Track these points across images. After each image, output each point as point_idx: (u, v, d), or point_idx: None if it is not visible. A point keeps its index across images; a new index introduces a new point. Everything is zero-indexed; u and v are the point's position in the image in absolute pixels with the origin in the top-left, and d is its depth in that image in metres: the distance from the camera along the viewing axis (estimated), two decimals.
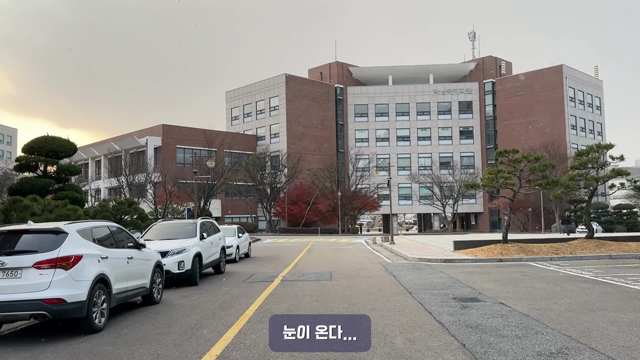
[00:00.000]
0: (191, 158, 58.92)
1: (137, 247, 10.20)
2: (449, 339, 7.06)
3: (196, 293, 12.09)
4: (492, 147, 70.24)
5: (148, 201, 48.41)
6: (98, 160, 66.02)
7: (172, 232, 14.87)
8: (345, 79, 74.28)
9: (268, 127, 68.59)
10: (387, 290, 11.84)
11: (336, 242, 37.34)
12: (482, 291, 11.51)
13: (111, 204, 23.48)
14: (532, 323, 8.02)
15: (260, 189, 61.57)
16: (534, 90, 68.76)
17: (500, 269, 16.63)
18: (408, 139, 72.68)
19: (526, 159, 21.23)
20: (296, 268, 17.62)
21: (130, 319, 9.11)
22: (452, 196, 64.92)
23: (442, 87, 72.99)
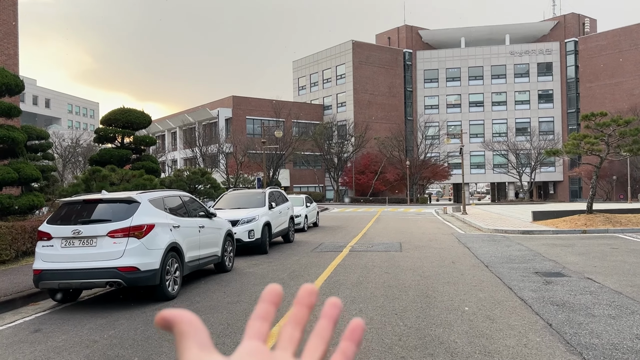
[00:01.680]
0: (260, 129, 59.71)
1: (208, 216, 10.27)
2: (533, 318, 6.53)
3: (266, 262, 12.13)
4: (574, 112, 65.79)
5: (220, 171, 49.74)
6: (173, 132, 68.48)
7: (242, 201, 14.99)
8: (415, 43, 71.72)
9: (335, 96, 67.93)
10: (462, 263, 11.30)
11: (405, 212, 36.70)
12: (567, 265, 10.71)
13: (185, 173, 24.13)
14: (626, 301, 7.28)
15: (328, 159, 61.52)
16: (621, 48, 63.19)
17: (585, 241, 15.51)
18: (482, 105, 69.46)
19: (615, 122, 19.48)
20: (364, 238, 17.36)
21: (203, 286, 9.22)
22: (529, 164, 61.71)
23: (519, 47, 68.69)
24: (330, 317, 0.47)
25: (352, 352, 0.46)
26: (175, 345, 0.41)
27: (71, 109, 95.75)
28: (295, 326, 0.46)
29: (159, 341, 5.87)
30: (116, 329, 6.47)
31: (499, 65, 68.95)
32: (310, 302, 0.48)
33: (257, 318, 0.46)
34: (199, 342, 0.41)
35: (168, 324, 0.42)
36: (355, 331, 0.46)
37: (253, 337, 0.45)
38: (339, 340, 0.46)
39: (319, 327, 0.47)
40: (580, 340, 5.54)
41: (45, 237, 7.77)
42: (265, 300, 0.47)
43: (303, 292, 0.48)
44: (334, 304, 0.48)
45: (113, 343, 5.89)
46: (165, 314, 0.42)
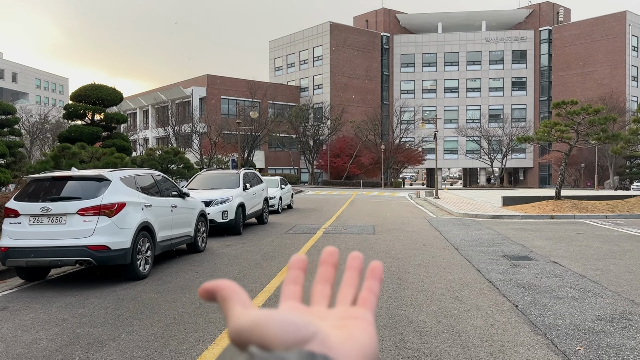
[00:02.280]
0: (235, 109, 59.08)
1: (181, 195, 10.18)
2: (499, 299, 6.71)
3: (239, 243, 12.11)
4: (546, 99, 66.99)
5: (194, 151, 49.16)
6: (146, 110, 67.21)
7: (216, 182, 14.88)
8: (392, 26, 71.61)
9: (311, 78, 67.55)
10: (433, 246, 11.49)
11: (379, 196, 37.01)
12: (534, 249, 11.00)
13: (157, 152, 23.79)
14: (589, 284, 7.54)
15: (303, 141, 61.38)
16: (593, 38, 64.39)
17: (552, 226, 15.94)
18: (456, 91, 70.08)
19: (585, 111, 19.93)
20: (339, 221, 17.47)
21: (175, 266, 9.17)
22: (501, 150, 62.82)
23: (494, 34, 69.31)
24: (354, 268, 0.53)
25: (376, 287, 0.52)
26: (222, 310, 0.45)
27: (39, 84, 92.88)
28: (325, 283, 0.52)
29: (129, 319, 5.83)
30: (86, 307, 6.40)
31: (475, 52, 69.52)
32: (334, 261, 0.53)
33: (290, 283, 0.51)
34: (241, 302, 0.44)
35: (211, 294, 0.45)
36: (375, 270, 0.53)
37: (289, 298, 0.50)
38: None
39: (346, 277, 0.52)
40: (545, 321, 5.73)
41: (12, 214, 7.59)
42: (294, 267, 0.52)
43: (325, 253, 0.53)
44: (356, 256, 0.53)
45: (83, 321, 5.82)
46: (207, 286, 0.45)
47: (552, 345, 4.93)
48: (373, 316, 0.50)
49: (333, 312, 0.49)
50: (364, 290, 0.52)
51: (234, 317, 0.43)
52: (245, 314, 0.43)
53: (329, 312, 0.49)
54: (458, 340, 5.08)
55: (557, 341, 5.05)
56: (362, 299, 0.51)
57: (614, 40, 62.90)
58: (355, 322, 0.47)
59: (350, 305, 0.50)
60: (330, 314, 0.49)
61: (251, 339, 0.41)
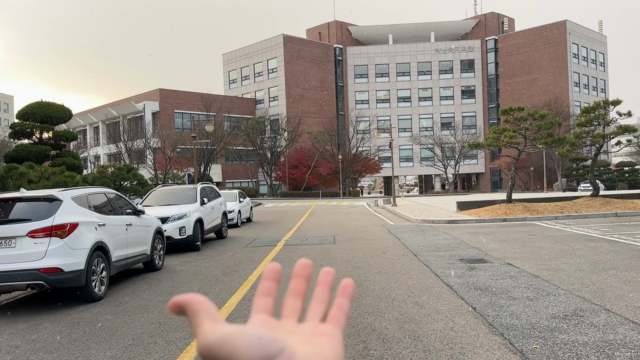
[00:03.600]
0: (189, 123, 58.27)
1: (136, 213, 9.95)
2: (458, 302, 6.87)
3: (198, 259, 11.92)
4: (495, 107, 69.36)
5: (148, 167, 48.12)
6: (96, 126, 65.37)
7: (172, 197, 14.61)
8: (345, 38, 72.66)
9: (267, 90, 67.54)
10: (392, 253, 11.66)
11: (338, 205, 37.23)
12: (489, 252, 11.32)
13: (110, 170, 23.16)
14: (542, 284, 7.83)
15: (261, 153, 61.15)
16: (536, 47, 67.32)
17: (505, 229, 16.46)
18: (409, 100, 71.65)
19: (532, 116, 20.77)
20: (299, 232, 17.46)
21: (132, 286, 8.93)
22: (454, 157, 64.52)
23: (443, 45, 71.43)
24: (325, 283, 0.52)
25: (347, 305, 0.52)
26: (191, 324, 0.44)
27: None
28: (296, 297, 0.51)
29: (86, 343, 5.64)
30: (39, 333, 6.15)
31: (425, 62, 71.36)
32: (307, 274, 0.53)
33: (261, 295, 0.50)
34: (211, 316, 0.44)
35: (180, 308, 0.45)
36: (347, 288, 0.53)
37: (259, 312, 0.49)
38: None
39: (317, 293, 0.52)
40: (502, 321, 5.90)
41: None
42: (267, 278, 0.51)
43: (299, 267, 0.53)
44: (328, 272, 0.53)
45: (37, 347, 5.59)
46: (176, 300, 0.45)
47: (509, 345, 5.09)
48: (342, 334, 0.50)
49: (303, 328, 0.49)
50: (335, 307, 0.52)
51: (203, 332, 0.43)
52: (215, 329, 0.43)
53: (298, 327, 0.49)
54: (420, 345, 5.18)
55: (515, 341, 5.21)
56: (332, 317, 0.51)
57: (556, 48, 65.92)
58: (324, 339, 0.47)
59: (319, 321, 0.50)
60: (299, 329, 0.49)
61: (220, 355, 0.41)
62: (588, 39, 69.50)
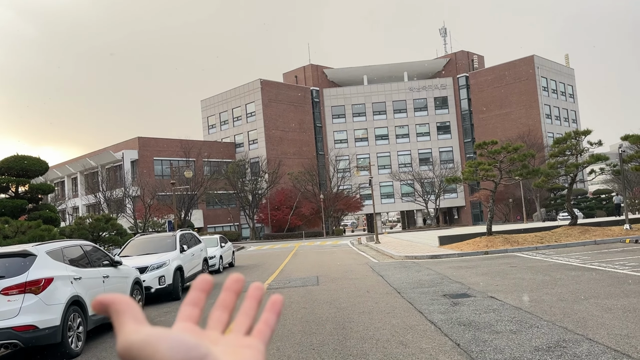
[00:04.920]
0: (169, 169, 58.07)
1: (113, 264, 9.79)
2: (442, 339, 6.83)
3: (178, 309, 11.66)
4: (470, 141, 70.71)
5: (127, 216, 47.48)
6: (74, 177, 64.66)
7: (151, 246, 14.40)
8: (321, 81, 74.09)
9: (246, 134, 67.99)
10: (376, 291, 11.58)
11: (321, 245, 37.04)
12: (472, 286, 11.33)
13: (88, 221, 22.80)
14: (525, 316, 7.84)
15: (242, 197, 60.93)
16: (507, 82, 69.43)
17: (487, 261, 16.53)
18: (387, 138, 72.74)
19: (505, 149, 21.23)
20: (282, 275, 17.28)
21: (110, 341, 8.69)
22: (434, 191, 65.12)
23: (416, 84, 73.26)
24: (254, 297, 0.53)
25: (273, 321, 0.53)
26: (113, 324, 0.45)
27: None
28: (223, 310, 0.52)
29: None
30: None
31: (400, 100, 72.95)
32: (237, 288, 0.53)
33: (188, 304, 0.51)
34: (134, 317, 0.44)
35: (104, 306, 0.45)
36: (275, 304, 0.54)
37: (184, 320, 0.50)
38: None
39: (244, 306, 0.53)
40: (486, 356, 5.87)
41: None
42: (196, 289, 0.52)
43: (230, 281, 0.53)
44: (257, 286, 0.54)
45: None
46: (101, 298, 0.46)
47: None
48: (265, 348, 0.51)
49: (226, 339, 0.50)
50: (261, 322, 0.53)
51: (126, 332, 0.43)
52: (137, 331, 0.43)
53: (222, 338, 0.50)
54: None
55: None
56: (257, 330, 0.52)
57: (525, 82, 68.06)
58: (247, 351, 0.48)
59: (244, 334, 0.51)
60: (223, 340, 0.49)
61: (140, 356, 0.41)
62: (556, 72, 72.01)
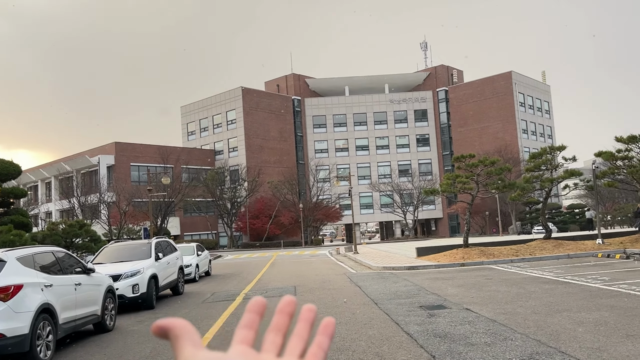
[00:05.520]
0: (146, 176, 57.39)
1: (86, 272, 9.58)
2: (418, 351, 6.83)
3: (153, 317, 11.47)
4: (448, 154, 71.52)
5: (102, 222, 46.68)
6: (48, 182, 63.39)
7: (125, 254, 14.14)
8: (302, 90, 74.28)
9: (226, 141, 67.63)
10: (353, 302, 11.56)
11: (299, 255, 36.90)
12: (448, 297, 11.39)
13: (61, 227, 22.33)
14: (500, 328, 7.89)
15: (220, 205, 60.43)
16: (485, 96, 70.60)
17: (463, 273, 16.65)
18: (367, 148, 73.16)
19: (482, 163, 21.52)
20: (259, 284, 17.14)
21: (80, 349, 8.48)
22: (412, 203, 65.58)
23: (397, 96, 74.01)
24: (306, 320, 0.54)
25: (326, 344, 0.53)
26: (172, 348, 0.46)
27: None
28: (277, 332, 0.53)
29: None
30: None
31: (381, 112, 73.56)
32: (291, 311, 0.54)
33: (243, 327, 0.52)
34: (192, 341, 0.46)
35: (164, 331, 0.47)
36: (328, 327, 0.54)
37: (240, 342, 0.50)
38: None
39: (298, 329, 0.54)
40: None
41: None
42: (251, 311, 0.53)
43: (283, 302, 0.54)
44: (310, 309, 0.55)
45: None
46: (160, 323, 0.48)
47: None
48: None
49: None
50: (314, 345, 0.53)
51: (184, 356, 0.45)
52: (195, 355, 0.44)
53: None
54: None
55: None
56: (311, 354, 0.52)
57: (503, 97, 69.30)
58: None
59: (298, 357, 0.51)
60: None
61: None
62: (533, 88, 73.50)
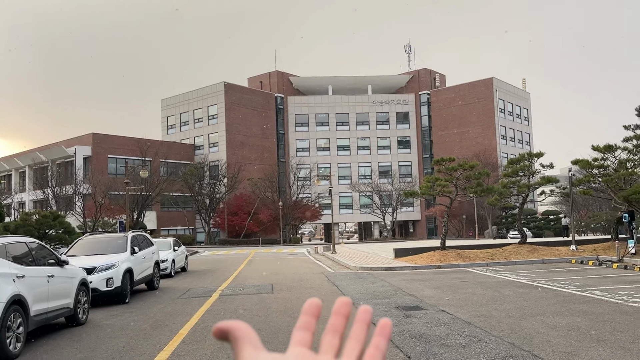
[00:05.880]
0: (123, 168, 56.57)
1: (59, 264, 9.39)
2: (393, 351, 6.85)
3: (127, 312, 11.30)
4: (429, 157, 72.15)
5: (76, 214, 45.89)
6: (22, 171, 62.05)
7: (100, 247, 13.91)
8: (286, 88, 74.08)
9: (206, 136, 67.08)
10: (330, 301, 11.23)
11: (278, 253, 36.80)
12: (424, 299, 11.47)
13: (34, 217, 21.88)
14: (474, 331, 7.97)
15: (199, 200, 59.92)
16: (466, 101, 71.38)
17: (439, 275, 16.79)
18: (348, 149, 73.35)
19: (462, 167, 21.74)
20: (236, 281, 17.03)
21: (52, 342, 8.31)
22: (391, 204, 65.96)
23: (380, 97, 74.33)
24: (363, 321, 0.54)
25: (384, 345, 0.53)
26: (233, 349, 0.48)
27: None
28: (334, 334, 0.53)
29: None
30: None
31: (363, 113, 73.80)
32: (346, 312, 0.54)
33: (300, 329, 0.53)
34: (252, 343, 0.48)
35: (224, 333, 0.49)
36: (385, 328, 0.54)
37: (298, 344, 0.51)
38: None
39: (354, 330, 0.54)
40: None
41: None
42: (307, 313, 0.53)
43: (339, 304, 0.55)
44: (366, 310, 0.55)
45: None
46: (221, 325, 0.49)
47: None
48: None
49: None
50: (372, 347, 0.53)
51: (244, 357, 0.46)
52: (256, 356, 0.46)
53: None
54: None
55: None
56: (369, 355, 0.52)
57: (484, 102, 70.14)
58: None
59: (356, 359, 0.52)
60: None
61: None
62: (513, 95, 74.57)
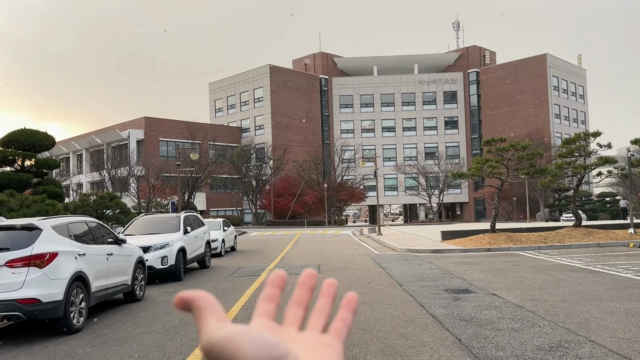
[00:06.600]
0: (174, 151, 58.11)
1: (117, 242, 9.80)
2: (443, 334, 6.82)
3: (181, 289, 11.63)
4: (477, 137, 70.40)
5: (131, 195, 47.67)
6: (80, 154, 64.83)
7: (155, 226, 14.43)
8: (330, 69, 73.71)
9: (252, 119, 67.89)
10: (377, 283, 11.59)
11: (323, 234, 37.09)
12: (473, 282, 11.31)
13: (92, 198, 22.88)
14: (527, 315, 7.82)
15: (246, 182, 60.98)
16: (517, 79, 68.91)
17: (489, 258, 16.49)
18: (393, 130, 72.50)
19: (514, 147, 21.09)
20: (283, 261, 17.32)
21: (111, 317, 8.73)
22: (438, 186, 64.98)
23: (426, 77, 72.80)
24: (328, 294, 0.53)
25: (349, 318, 0.53)
26: (195, 321, 0.45)
27: None
28: (299, 306, 0.52)
29: None
30: None
31: (409, 93, 72.53)
32: (312, 284, 0.54)
33: (264, 300, 0.51)
34: (216, 314, 0.45)
35: (186, 303, 0.46)
36: (351, 302, 0.54)
37: (261, 316, 0.50)
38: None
39: (319, 303, 0.53)
40: (487, 353, 5.86)
41: None
42: (271, 284, 0.52)
43: (304, 276, 0.54)
44: (331, 283, 0.54)
45: None
46: (183, 295, 0.46)
47: None
48: (343, 347, 0.50)
49: (304, 336, 0.50)
50: (337, 320, 0.52)
51: (208, 329, 0.43)
52: (219, 328, 0.43)
53: (299, 335, 0.50)
54: None
55: None
56: (334, 329, 0.51)
57: (537, 80, 67.52)
58: (325, 350, 0.48)
59: (320, 331, 0.51)
60: (300, 337, 0.49)
61: (223, 354, 0.42)
62: (568, 72, 71.39)
